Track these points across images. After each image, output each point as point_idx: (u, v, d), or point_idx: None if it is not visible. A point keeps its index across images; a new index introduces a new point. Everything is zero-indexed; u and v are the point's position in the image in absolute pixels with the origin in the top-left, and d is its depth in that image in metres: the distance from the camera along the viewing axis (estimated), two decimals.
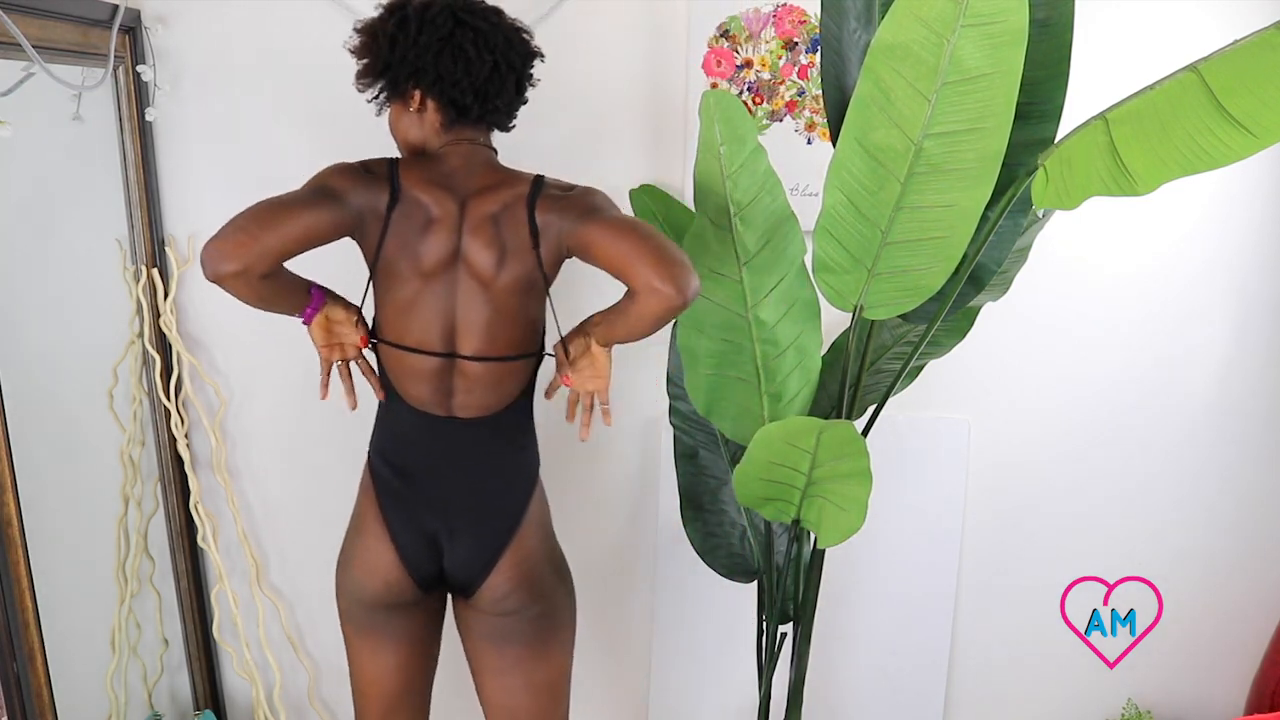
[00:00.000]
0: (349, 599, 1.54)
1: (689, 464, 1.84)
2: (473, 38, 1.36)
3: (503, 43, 1.38)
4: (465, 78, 1.36)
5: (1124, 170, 1.20)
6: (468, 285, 1.39)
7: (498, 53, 1.38)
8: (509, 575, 1.47)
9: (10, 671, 1.43)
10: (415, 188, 1.38)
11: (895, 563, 2.08)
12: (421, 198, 1.38)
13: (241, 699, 2.22)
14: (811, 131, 1.86)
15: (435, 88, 1.38)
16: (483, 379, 1.43)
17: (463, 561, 1.47)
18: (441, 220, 1.38)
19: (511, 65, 1.40)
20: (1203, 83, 1.14)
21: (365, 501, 1.52)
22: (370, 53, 1.40)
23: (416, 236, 1.38)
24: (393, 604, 1.50)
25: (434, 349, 1.41)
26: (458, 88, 1.37)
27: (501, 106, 1.42)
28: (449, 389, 1.44)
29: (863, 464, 1.39)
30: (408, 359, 1.43)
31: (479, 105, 1.40)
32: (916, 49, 1.23)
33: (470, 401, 1.44)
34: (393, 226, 1.38)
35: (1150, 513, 2.08)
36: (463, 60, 1.36)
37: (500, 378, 1.44)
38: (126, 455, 1.95)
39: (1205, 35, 1.54)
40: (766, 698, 1.77)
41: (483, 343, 1.41)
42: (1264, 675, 2.03)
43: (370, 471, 1.52)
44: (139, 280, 1.92)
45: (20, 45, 1.41)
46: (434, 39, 1.35)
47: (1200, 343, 1.98)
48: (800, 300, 1.48)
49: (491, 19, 1.38)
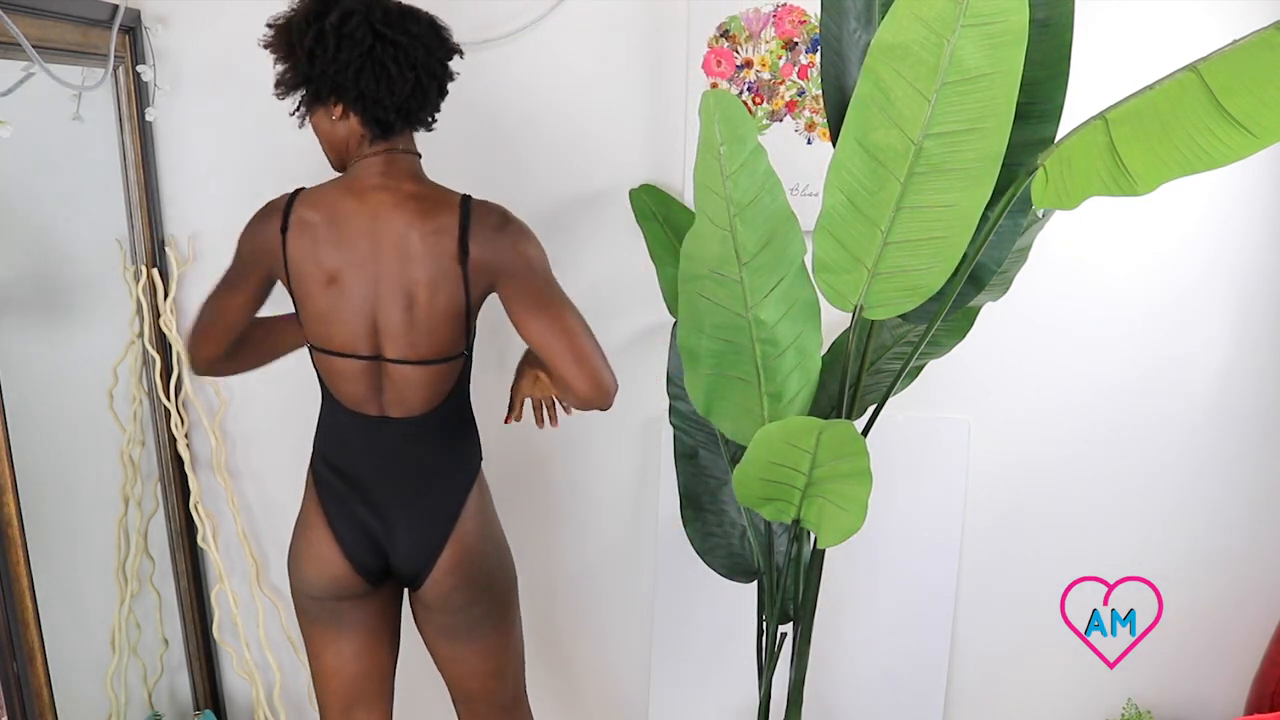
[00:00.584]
0: (300, 594, 1.57)
1: (689, 464, 1.84)
2: (394, 54, 1.33)
3: (423, 55, 1.36)
4: (388, 96, 1.35)
5: (1124, 170, 1.20)
6: (388, 296, 1.41)
7: (419, 67, 1.35)
8: (450, 571, 1.50)
9: (10, 671, 1.43)
10: (311, 208, 1.42)
11: (895, 563, 2.08)
12: (316, 216, 1.42)
13: (241, 699, 2.22)
14: (811, 131, 1.86)
15: (357, 104, 1.36)
16: (410, 380, 1.45)
17: (405, 556, 1.51)
18: (349, 233, 1.40)
19: (434, 74, 1.38)
20: (1203, 83, 1.14)
21: (308, 500, 1.55)
22: (288, 63, 1.37)
23: (320, 251, 1.41)
24: (342, 596, 1.54)
25: (359, 353, 1.44)
26: (380, 105, 1.35)
27: (425, 115, 1.42)
28: (378, 389, 1.47)
29: (863, 464, 1.39)
30: (335, 361, 1.46)
31: (402, 120, 1.39)
32: (916, 49, 1.23)
33: (400, 400, 1.47)
34: (289, 247, 1.43)
35: (1150, 513, 2.08)
36: (385, 79, 1.33)
37: (427, 379, 1.46)
38: (126, 455, 1.95)
39: (1205, 35, 1.54)
40: (766, 698, 1.77)
41: (405, 349, 1.43)
42: (1264, 675, 2.03)
43: (312, 472, 1.55)
44: (139, 280, 1.92)
45: (20, 45, 1.41)
46: (354, 55, 1.32)
47: (1200, 343, 1.98)
48: (800, 300, 1.48)
49: (411, 29, 1.35)
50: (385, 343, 1.43)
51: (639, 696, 2.20)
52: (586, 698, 2.23)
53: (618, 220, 1.92)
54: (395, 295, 1.40)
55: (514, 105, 1.87)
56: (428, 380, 1.46)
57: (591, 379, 1.41)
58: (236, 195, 1.96)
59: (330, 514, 1.51)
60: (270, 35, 1.38)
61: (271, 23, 1.38)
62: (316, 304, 1.44)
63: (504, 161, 1.90)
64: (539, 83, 1.87)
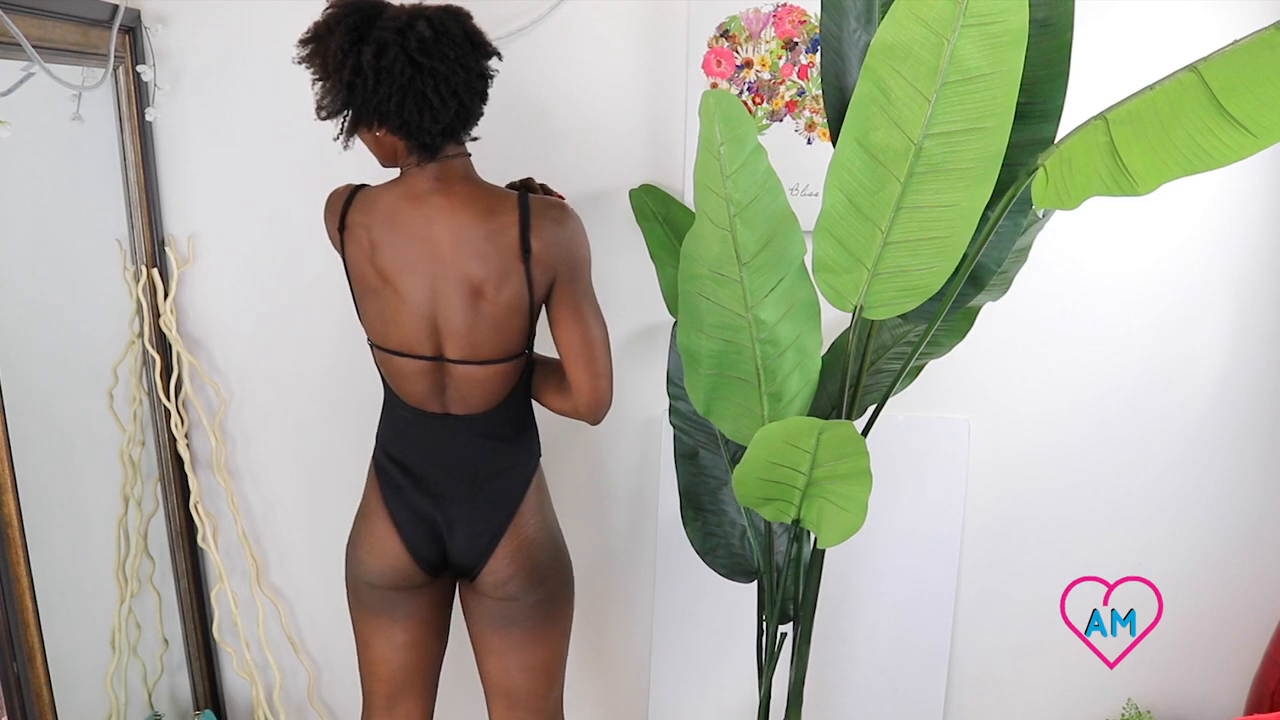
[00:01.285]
0: (359, 581, 1.59)
1: (689, 464, 1.84)
2: (434, 85, 1.30)
3: (464, 77, 1.33)
4: (432, 124, 1.34)
5: (1124, 170, 1.20)
6: (448, 298, 1.42)
7: (462, 92, 1.34)
8: (508, 561, 1.52)
9: (10, 671, 1.43)
10: (367, 213, 1.44)
11: (895, 563, 2.08)
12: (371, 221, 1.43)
13: (241, 699, 2.22)
14: (811, 131, 1.86)
15: (401, 131, 1.35)
16: (472, 380, 1.47)
17: (462, 547, 1.53)
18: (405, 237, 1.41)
19: (475, 92, 1.37)
20: (1203, 83, 1.14)
21: (371, 491, 1.58)
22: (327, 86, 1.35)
23: (377, 255, 1.43)
24: (400, 586, 1.56)
25: (420, 354, 1.46)
26: (425, 133, 1.35)
27: (469, 128, 1.41)
28: (440, 387, 1.49)
29: (863, 464, 1.39)
30: (396, 361, 1.48)
31: (446, 139, 1.38)
32: (916, 49, 1.23)
33: (462, 399, 1.49)
34: (347, 248, 1.47)
35: (1150, 513, 2.08)
36: (428, 110, 1.32)
37: (490, 378, 1.48)
38: (126, 455, 1.95)
39: (1205, 35, 1.54)
40: (766, 698, 1.77)
41: (468, 349, 1.45)
42: (1264, 675, 2.03)
43: (374, 464, 1.58)
44: (139, 280, 1.92)
45: (20, 45, 1.41)
46: (394, 88, 1.30)
47: (1201, 343, 1.98)
48: (800, 300, 1.48)
49: (449, 53, 1.31)
50: (447, 343, 1.45)
51: (639, 696, 2.20)
52: (586, 698, 2.23)
53: (618, 220, 1.92)
54: (457, 296, 1.41)
55: (514, 105, 1.87)
56: (490, 379, 1.48)
57: (596, 392, 1.47)
58: (236, 195, 1.97)
59: (391, 505, 1.54)
60: (304, 54, 1.36)
61: (304, 39, 1.36)
62: (374, 305, 1.47)
63: (504, 161, 1.90)
64: (539, 83, 1.87)
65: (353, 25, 1.30)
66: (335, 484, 2.11)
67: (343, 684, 2.23)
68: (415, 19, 1.30)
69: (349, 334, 2.01)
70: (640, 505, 2.11)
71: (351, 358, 2.02)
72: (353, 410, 2.06)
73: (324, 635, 2.19)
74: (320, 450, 2.09)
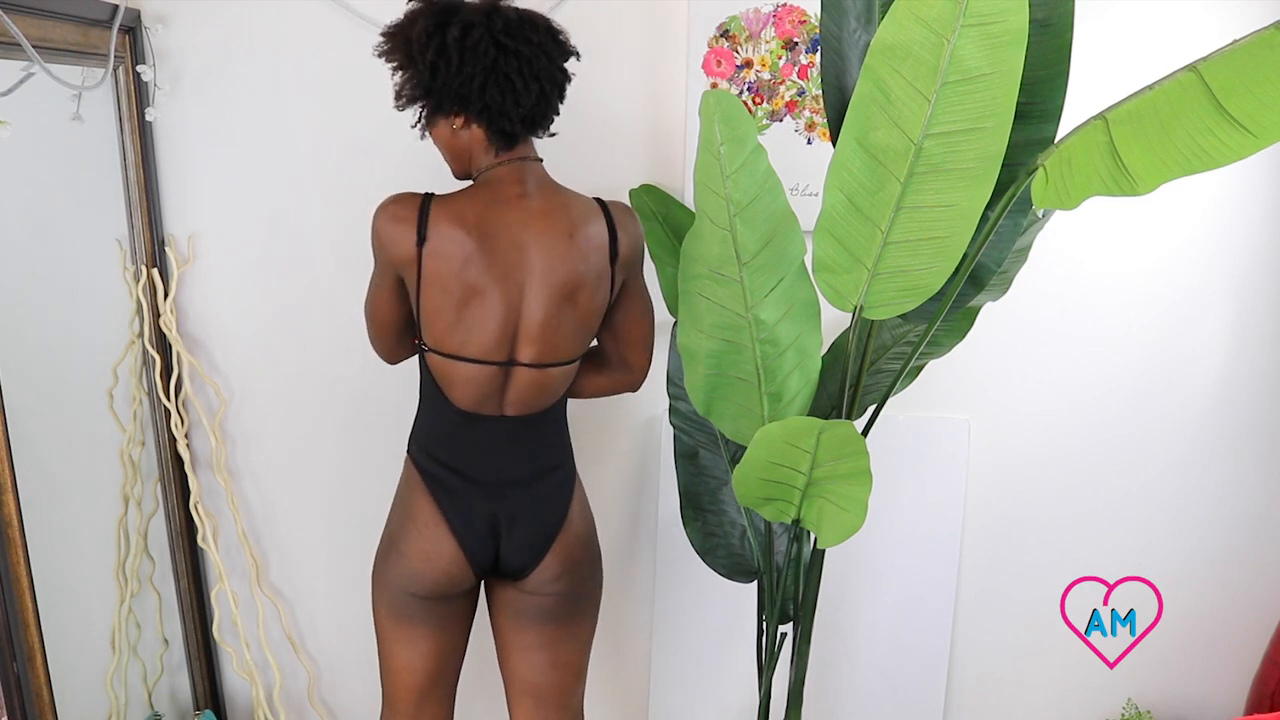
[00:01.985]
0: (397, 590, 1.54)
1: (689, 464, 1.84)
2: (517, 66, 1.33)
3: (546, 64, 1.36)
4: (514, 108, 1.35)
5: (1124, 170, 1.20)
6: (536, 302, 1.42)
7: (543, 78, 1.36)
8: (560, 558, 1.54)
9: (10, 671, 1.43)
10: (457, 223, 1.39)
11: (895, 563, 2.08)
12: (462, 233, 1.38)
13: (241, 699, 2.22)
14: (811, 131, 1.86)
15: (482, 116, 1.36)
16: (537, 382, 1.49)
17: (518, 547, 1.53)
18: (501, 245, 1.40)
19: (556, 82, 1.39)
20: (1203, 83, 1.14)
21: (416, 496, 1.54)
22: (408, 74, 1.37)
23: (468, 266, 1.39)
24: (444, 594, 1.54)
25: (492, 359, 1.45)
26: (506, 117, 1.36)
27: (549, 121, 1.44)
28: (500, 391, 1.49)
29: (863, 464, 1.39)
30: (460, 367, 1.45)
31: (526, 129, 1.40)
32: (916, 49, 1.23)
33: (520, 401, 1.50)
34: (427, 261, 1.39)
35: (1150, 513, 2.08)
36: (510, 91, 1.34)
37: (555, 380, 1.50)
38: (126, 455, 1.95)
39: (1205, 35, 1.54)
40: (766, 698, 1.77)
41: (546, 352, 1.46)
42: (1264, 675, 2.03)
43: (416, 468, 1.55)
44: (139, 280, 1.92)
45: (20, 45, 1.41)
46: (478, 69, 1.32)
47: (1201, 343, 1.98)
48: (800, 300, 1.48)
49: (532, 38, 1.34)
50: (522, 347, 1.45)
51: (639, 696, 2.20)
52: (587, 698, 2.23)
53: None
54: (544, 301, 1.42)
55: None
56: (556, 380, 1.50)
57: (646, 366, 1.61)
58: (236, 195, 1.97)
59: (445, 509, 1.51)
60: (386, 45, 1.38)
61: (386, 32, 1.37)
62: (452, 314, 1.42)
63: None
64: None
65: (438, 11, 1.35)
66: (335, 484, 2.11)
67: (343, 684, 2.23)
68: (498, 5, 1.36)
69: (349, 333, 2.01)
70: (640, 505, 2.11)
71: (351, 357, 2.02)
72: (353, 410, 2.06)
73: (324, 635, 2.19)
74: (320, 450, 2.09)
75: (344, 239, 1.96)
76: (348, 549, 2.13)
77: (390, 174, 1.89)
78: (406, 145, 1.67)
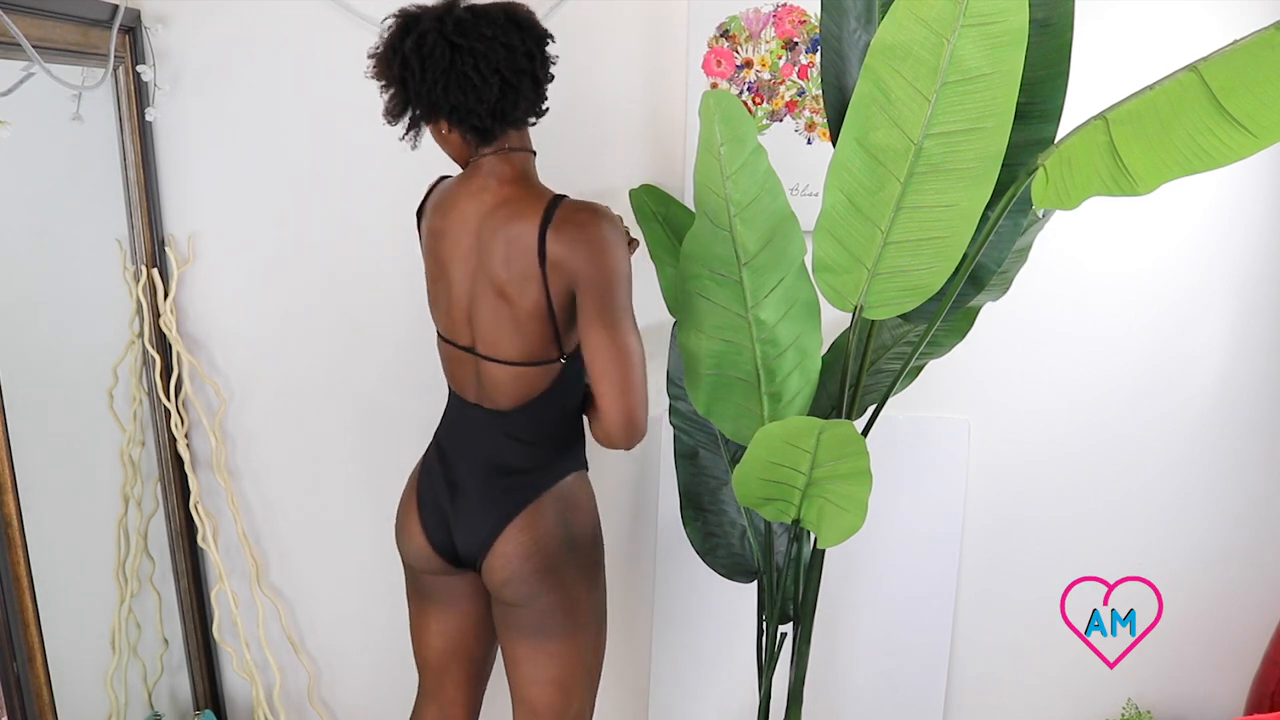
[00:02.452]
0: (404, 565, 1.66)
1: (689, 464, 1.84)
2: (473, 63, 1.33)
3: (504, 55, 1.35)
4: (477, 104, 1.36)
5: (1124, 170, 1.20)
6: (481, 294, 1.45)
7: (503, 68, 1.35)
8: (505, 560, 1.50)
9: (10, 671, 1.43)
10: (435, 201, 1.53)
11: (895, 563, 2.08)
12: (433, 214, 1.52)
13: (241, 699, 2.22)
14: (811, 131, 1.86)
15: (452, 118, 1.38)
16: (496, 378, 1.49)
17: (463, 538, 1.54)
18: (456, 229, 1.47)
19: (521, 70, 1.37)
20: (1203, 83, 1.14)
21: (412, 476, 1.64)
22: (390, 90, 1.40)
23: (436, 242, 1.51)
24: (429, 571, 1.60)
25: (459, 343, 1.51)
26: (473, 114, 1.37)
27: (521, 112, 1.41)
28: (475, 378, 1.52)
29: (863, 464, 1.39)
30: (443, 345, 1.55)
31: (498, 124, 1.40)
32: (916, 49, 1.23)
33: (491, 394, 1.51)
34: (421, 236, 1.56)
35: (1150, 513, 2.08)
36: (470, 89, 1.34)
37: (513, 378, 1.48)
38: (126, 455, 1.95)
39: (1205, 35, 1.54)
40: (766, 698, 1.77)
41: (493, 347, 1.47)
42: (1264, 675, 2.03)
43: (427, 450, 1.63)
44: (139, 280, 1.92)
45: (20, 45, 1.41)
46: (438, 73, 1.34)
47: (1201, 343, 1.98)
48: (800, 300, 1.48)
49: (486, 32, 1.34)
50: (476, 338, 1.48)
51: (639, 696, 2.20)
52: None
53: None
54: (487, 294, 1.44)
55: None
56: (514, 380, 1.48)
57: (626, 413, 1.39)
58: (236, 195, 1.97)
59: (420, 491, 1.59)
60: (371, 67, 1.41)
61: (370, 54, 1.41)
62: (433, 290, 1.54)
63: None
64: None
65: (402, 26, 1.37)
66: (335, 484, 2.11)
67: (343, 684, 2.23)
68: (452, 6, 1.36)
69: (349, 333, 2.01)
70: (640, 505, 2.11)
71: (352, 357, 2.02)
72: (353, 410, 2.06)
73: (324, 635, 2.19)
74: (320, 450, 2.09)
75: (344, 238, 1.96)
76: (347, 549, 2.13)
77: (389, 173, 1.90)
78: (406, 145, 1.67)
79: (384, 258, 1.96)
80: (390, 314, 1.99)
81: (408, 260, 1.79)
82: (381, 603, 2.12)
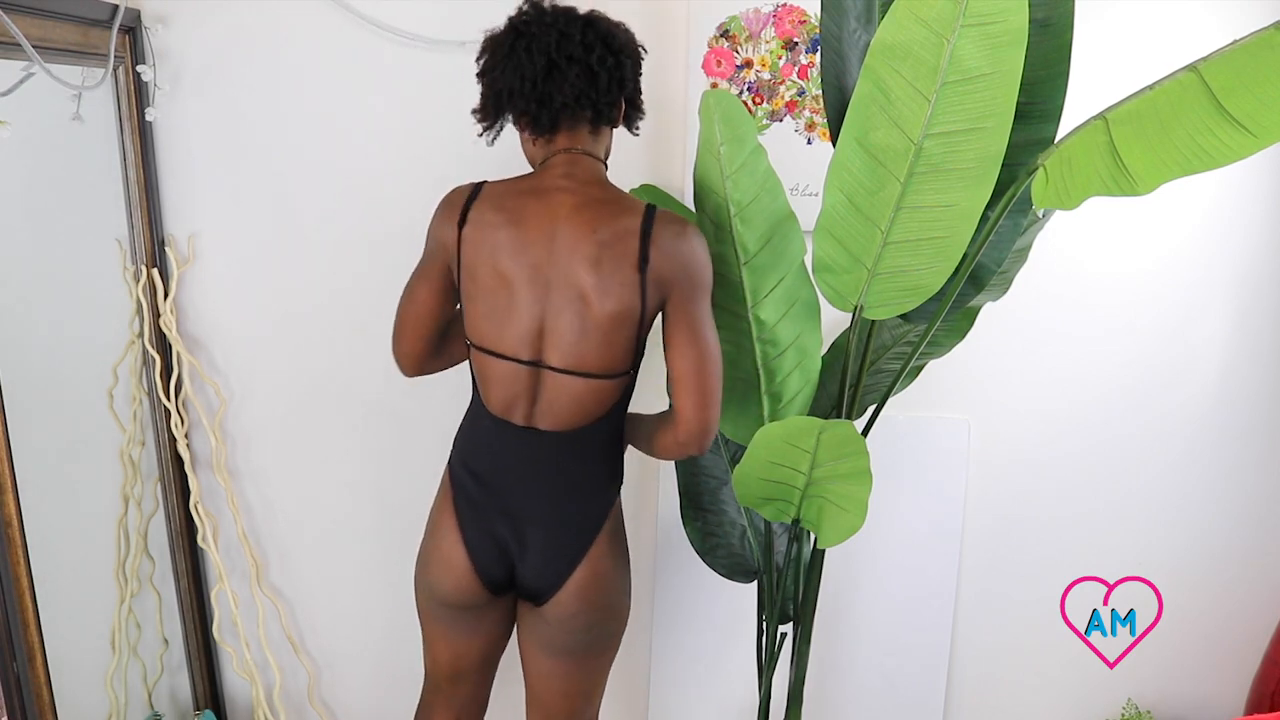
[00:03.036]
0: (424, 594, 1.56)
1: (689, 464, 1.84)
2: (526, 44, 1.33)
3: (557, 39, 1.33)
4: (520, 85, 1.34)
5: (1124, 170, 1.20)
6: (560, 301, 1.37)
7: (552, 50, 1.33)
8: (578, 594, 1.47)
9: (10, 671, 1.43)
10: (493, 207, 1.39)
11: (895, 563, 2.08)
12: (496, 217, 1.39)
13: (241, 699, 2.22)
14: (811, 131, 1.86)
15: (510, 105, 1.37)
16: (567, 392, 1.41)
17: (535, 571, 1.48)
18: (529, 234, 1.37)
19: (573, 58, 1.33)
20: (1203, 83, 1.14)
21: (442, 504, 1.53)
22: None
23: (498, 252, 1.38)
24: (464, 605, 1.52)
25: (520, 357, 1.40)
26: (522, 97, 1.35)
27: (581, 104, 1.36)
28: (531, 398, 1.43)
29: (863, 464, 1.39)
30: (494, 364, 1.42)
31: (547, 111, 1.36)
32: (916, 49, 1.23)
33: (550, 413, 1.43)
34: (464, 244, 1.40)
35: (1150, 513, 2.08)
36: (515, 68, 1.34)
37: (585, 393, 1.41)
38: (126, 455, 1.95)
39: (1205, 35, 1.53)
40: (766, 698, 1.77)
41: (573, 358, 1.39)
42: (1264, 675, 2.03)
43: (450, 476, 1.53)
44: (139, 280, 1.92)
45: (20, 45, 1.41)
46: (499, 59, 1.35)
47: (1201, 343, 1.98)
48: (800, 300, 1.48)
49: (547, 20, 1.34)
50: (549, 350, 1.39)
51: (639, 696, 2.20)
52: None
53: None
54: (568, 301, 1.36)
55: None
56: (587, 394, 1.41)
57: (704, 420, 1.38)
58: (236, 195, 1.97)
59: (463, 519, 1.49)
60: None
61: None
62: (485, 304, 1.40)
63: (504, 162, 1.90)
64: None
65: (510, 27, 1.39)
66: (335, 484, 2.11)
67: (343, 684, 2.23)
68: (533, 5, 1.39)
69: (349, 333, 2.01)
70: (640, 505, 2.11)
71: (352, 357, 2.02)
72: (353, 410, 2.06)
73: (324, 635, 2.19)
74: (320, 450, 2.09)
75: (344, 238, 1.96)
76: (348, 549, 2.13)
77: (390, 173, 1.90)
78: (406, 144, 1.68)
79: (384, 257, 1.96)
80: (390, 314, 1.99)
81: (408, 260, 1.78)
82: (381, 603, 2.12)
